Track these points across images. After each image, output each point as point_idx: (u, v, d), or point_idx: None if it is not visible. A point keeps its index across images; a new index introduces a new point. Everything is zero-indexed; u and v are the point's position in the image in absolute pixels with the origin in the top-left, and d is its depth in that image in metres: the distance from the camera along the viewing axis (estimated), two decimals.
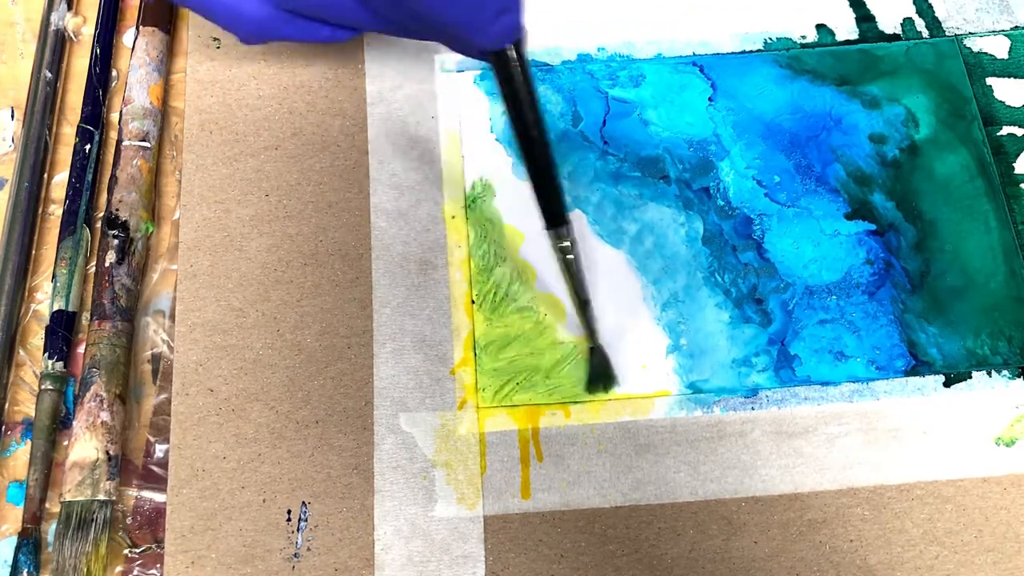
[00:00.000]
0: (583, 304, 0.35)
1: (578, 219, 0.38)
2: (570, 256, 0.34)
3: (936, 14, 0.42)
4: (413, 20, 0.33)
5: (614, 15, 0.42)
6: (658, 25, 0.42)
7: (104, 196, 0.39)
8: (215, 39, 0.42)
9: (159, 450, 0.36)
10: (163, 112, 0.41)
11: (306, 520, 0.34)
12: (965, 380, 0.36)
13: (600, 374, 0.36)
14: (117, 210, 0.38)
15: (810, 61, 0.41)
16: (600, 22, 0.42)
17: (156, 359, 0.37)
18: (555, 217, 0.33)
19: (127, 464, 0.36)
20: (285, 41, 0.36)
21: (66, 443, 0.36)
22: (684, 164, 0.39)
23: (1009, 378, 0.36)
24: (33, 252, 0.39)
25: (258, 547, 0.34)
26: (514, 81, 0.31)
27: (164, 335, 0.38)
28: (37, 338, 0.38)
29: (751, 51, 0.41)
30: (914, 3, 0.42)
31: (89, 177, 0.39)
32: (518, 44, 0.31)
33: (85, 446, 0.34)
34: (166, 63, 0.42)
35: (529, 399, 0.36)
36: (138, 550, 0.35)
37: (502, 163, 0.39)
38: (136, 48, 0.41)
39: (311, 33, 0.35)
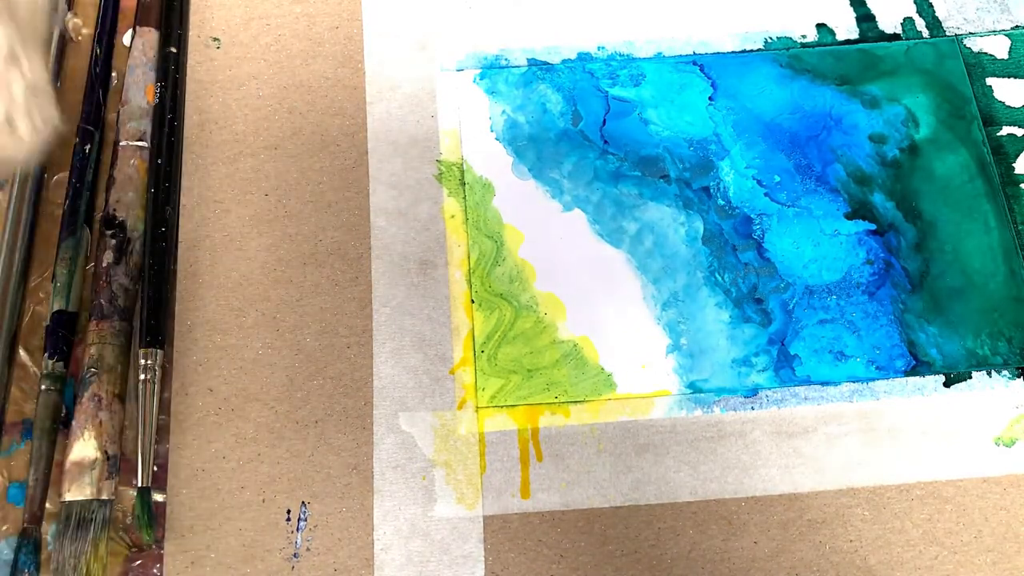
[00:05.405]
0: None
1: (578, 219, 0.38)
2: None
3: (936, 14, 0.42)
4: None
5: (614, 14, 0.42)
6: (658, 24, 0.42)
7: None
8: (215, 39, 0.42)
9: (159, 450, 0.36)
10: None
11: (305, 520, 0.34)
12: (965, 380, 0.36)
13: (145, 517, 0.34)
14: (114, 210, 0.38)
15: (810, 60, 0.41)
16: (600, 21, 0.42)
17: None
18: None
19: (127, 464, 0.36)
20: None
21: (66, 443, 0.36)
22: (684, 163, 0.39)
23: (1009, 378, 0.36)
24: (33, 252, 0.39)
25: (257, 547, 0.34)
26: None
27: None
28: (37, 338, 0.38)
29: (751, 50, 0.41)
30: (914, 2, 0.42)
31: (89, 177, 0.39)
32: None
33: (84, 446, 0.34)
34: None
35: (528, 399, 0.36)
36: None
37: (502, 162, 0.39)
38: (132, 48, 0.41)
39: None
